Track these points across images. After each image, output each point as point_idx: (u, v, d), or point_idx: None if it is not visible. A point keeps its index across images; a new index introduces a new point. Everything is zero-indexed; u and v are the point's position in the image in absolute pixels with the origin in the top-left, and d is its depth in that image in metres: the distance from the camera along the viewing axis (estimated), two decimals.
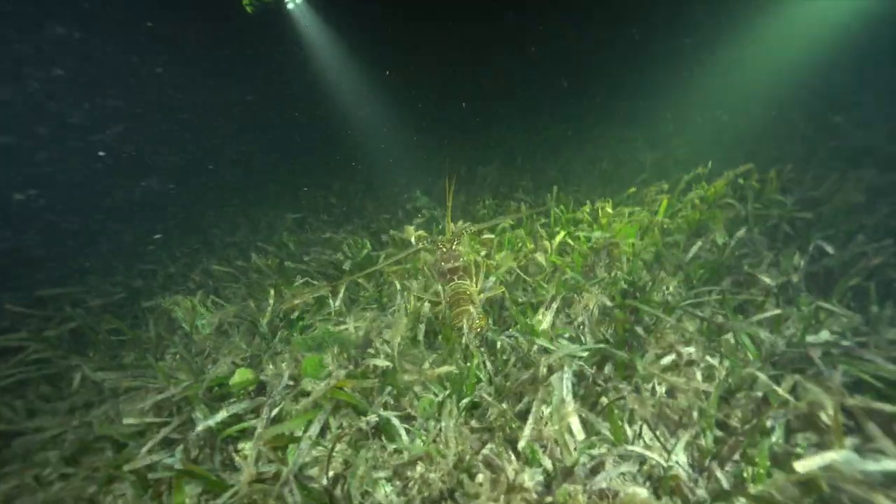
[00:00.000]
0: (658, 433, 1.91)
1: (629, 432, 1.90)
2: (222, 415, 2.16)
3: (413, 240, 3.44)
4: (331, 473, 1.91)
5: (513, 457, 1.84)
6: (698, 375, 1.92)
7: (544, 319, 2.61)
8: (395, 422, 1.98)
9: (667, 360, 2.05)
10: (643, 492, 1.61)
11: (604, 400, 1.98)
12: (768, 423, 1.65)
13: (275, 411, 2.13)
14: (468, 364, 2.27)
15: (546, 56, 14.54)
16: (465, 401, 2.10)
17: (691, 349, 2.04)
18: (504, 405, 2.03)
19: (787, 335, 2.22)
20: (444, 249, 2.55)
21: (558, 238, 3.44)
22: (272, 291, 3.24)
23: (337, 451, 2.02)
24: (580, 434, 1.80)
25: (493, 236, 3.75)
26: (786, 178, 4.01)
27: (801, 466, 1.43)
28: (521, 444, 1.81)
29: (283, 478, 1.77)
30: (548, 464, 1.78)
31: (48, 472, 2.15)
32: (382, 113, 13.52)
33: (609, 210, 4.01)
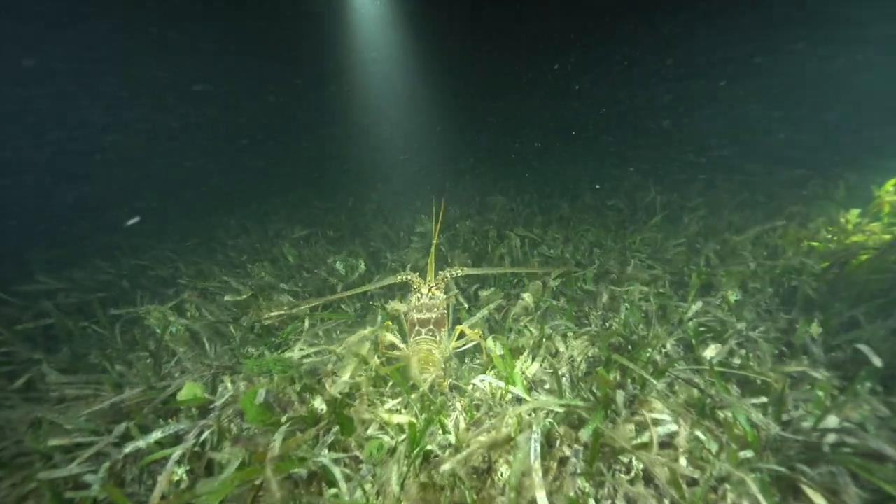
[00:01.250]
0: None
1: None
2: (156, 435, 2.01)
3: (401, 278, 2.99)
4: None
5: None
6: (682, 459, 1.66)
7: (523, 366, 2.39)
8: (336, 471, 1.77)
9: (648, 432, 1.79)
10: None
11: (570, 469, 1.73)
12: None
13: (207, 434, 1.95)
14: (431, 409, 2.07)
15: (576, 104, 14.56)
16: (416, 450, 1.89)
17: (675, 425, 1.78)
18: (459, 461, 1.80)
19: (795, 416, 1.93)
20: (420, 295, 2.32)
21: (555, 276, 3.23)
22: (248, 301, 3.13)
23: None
24: None
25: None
26: (812, 238, 3.71)
27: None
28: None
29: None
30: None
31: None
32: (409, 136, 13.72)
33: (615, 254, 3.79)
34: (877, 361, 1.99)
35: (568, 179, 8.22)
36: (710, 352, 2.29)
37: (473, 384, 2.26)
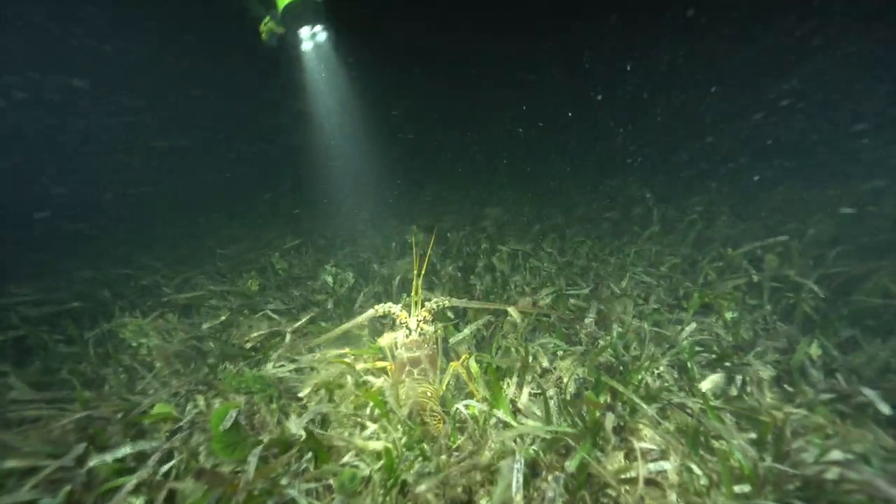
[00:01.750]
0: None
1: None
2: (124, 450, 1.89)
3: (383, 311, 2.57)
4: None
5: None
6: (673, 495, 1.55)
7: (509, 389, 2.28)
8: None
9: (637, 463, 1.68)
10: None
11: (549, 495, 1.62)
12: None
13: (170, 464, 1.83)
14: (411, 435, 1.95)
15: (570, 115, 14.45)
16: (392, 479, 1.77)
17: (666, 463, 1.67)
18: (435, 484, 1.69)
19: (795, 447, 1.82)
20: (408, 332, 2.16)
21: (546, 294, 3.13)
22: (228, 318, 3.02)
23: None
24: None
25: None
26: (811, 255, 3.61)
27: None
28: None
29: None
30: None
31: None
32: (401, 150, 13.67)
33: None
34: (884, 408, 1.86)
35: (564, 190, 8.15)
36: (707, 384, 2.16)
37: (457, 408, 2.15)
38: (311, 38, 3.25)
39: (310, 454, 1.88)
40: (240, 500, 1.56)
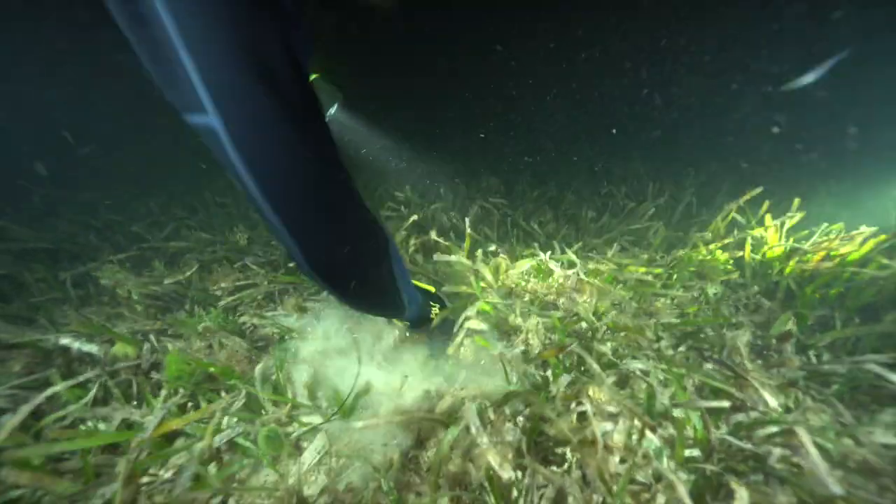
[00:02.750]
0: None
1: None
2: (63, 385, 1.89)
3: None
4: None
5: None
6: (615, 458, 1.53)
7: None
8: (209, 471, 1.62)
9: (589, 425, 1.67)
10: None
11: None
12: None
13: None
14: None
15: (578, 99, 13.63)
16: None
17: (615, 422, 1.64)
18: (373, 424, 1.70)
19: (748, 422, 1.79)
20: None
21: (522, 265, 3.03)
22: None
23: None
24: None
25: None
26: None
27: None
28: None
29: None
30: None
31: None
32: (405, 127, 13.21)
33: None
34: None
35: (562, 167, 7.93)
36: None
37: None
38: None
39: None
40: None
